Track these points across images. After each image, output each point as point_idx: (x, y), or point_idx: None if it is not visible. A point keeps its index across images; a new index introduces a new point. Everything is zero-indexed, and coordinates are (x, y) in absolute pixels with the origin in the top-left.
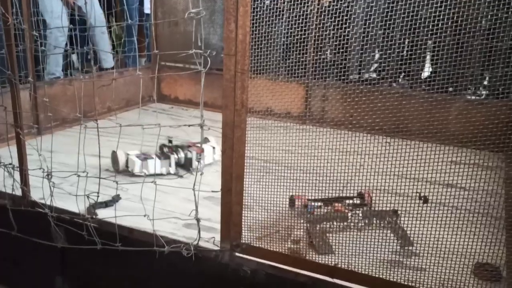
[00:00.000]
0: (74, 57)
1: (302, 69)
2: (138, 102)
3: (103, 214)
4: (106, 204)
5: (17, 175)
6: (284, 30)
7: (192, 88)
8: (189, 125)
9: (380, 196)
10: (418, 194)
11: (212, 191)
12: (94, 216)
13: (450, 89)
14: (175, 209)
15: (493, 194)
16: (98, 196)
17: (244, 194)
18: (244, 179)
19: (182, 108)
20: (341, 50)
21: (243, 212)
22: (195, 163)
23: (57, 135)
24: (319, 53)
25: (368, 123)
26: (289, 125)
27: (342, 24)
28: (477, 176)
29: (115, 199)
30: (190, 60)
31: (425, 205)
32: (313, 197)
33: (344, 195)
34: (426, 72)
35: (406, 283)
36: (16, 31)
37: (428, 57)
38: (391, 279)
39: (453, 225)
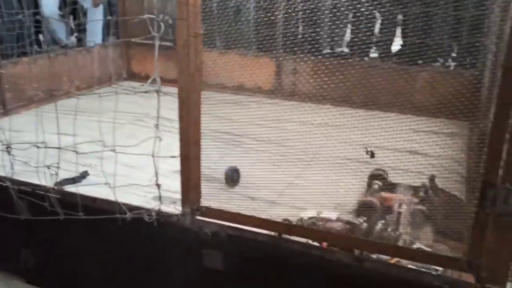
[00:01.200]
0: (41, 36)
1: (272, 43)
2: (108, 80)
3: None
4: (74, 180)
5: None
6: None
7: (163, 65)
8: (145, 92)
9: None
10: (365, 149)
11: (171, 156)
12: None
13: (420, 61)
14: (143, 182)
15: (456, 160)
16: (58, 168)
17: (201, 159)
18: (201, 144)
19: (154, 86)
20: (311, 24)
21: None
22: None
23: (24, 115)
24: (289, 27)
25: (338, 96)
26: (261, 100)
27: None
28: (443, 144)
29: (83, 175)
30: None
31: (372, 159)
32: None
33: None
34: (396, 45)
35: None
36: None
37: (398, 31)
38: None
39: None
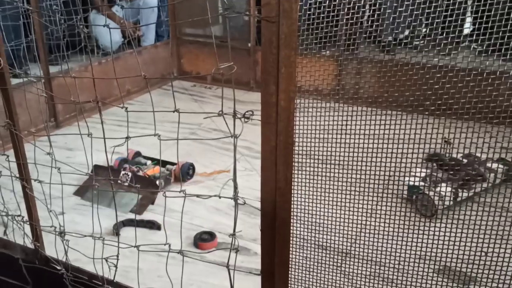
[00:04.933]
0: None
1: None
2: (158, 81)
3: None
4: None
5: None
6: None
7: (214, 63)
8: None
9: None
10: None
11: (250, 272)
12: (117, 235)
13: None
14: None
15: None
16: (117, 259)
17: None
18: (290, 265)
19: (205, 86)
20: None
21: None
22: None
23: (74, 127)
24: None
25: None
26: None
27: None
28: None
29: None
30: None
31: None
32: None
33: None
34: (467, 28)
35: None
36: (24, 18)
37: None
38: None
39: None
